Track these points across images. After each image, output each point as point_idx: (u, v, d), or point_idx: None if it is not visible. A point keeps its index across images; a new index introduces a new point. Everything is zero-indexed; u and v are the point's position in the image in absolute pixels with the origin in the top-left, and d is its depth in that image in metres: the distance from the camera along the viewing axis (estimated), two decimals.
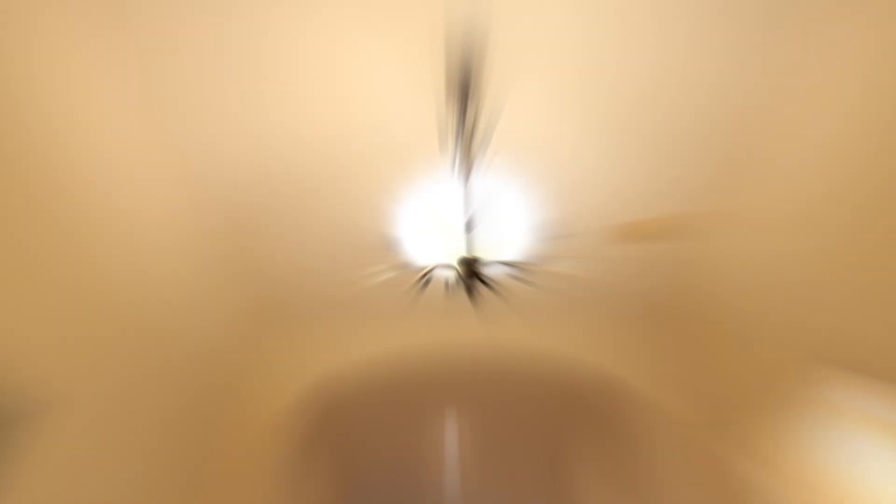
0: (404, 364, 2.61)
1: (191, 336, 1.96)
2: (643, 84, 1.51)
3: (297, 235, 2.03)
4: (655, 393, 2.41)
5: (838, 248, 1.48)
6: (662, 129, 1.64)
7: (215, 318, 2.16)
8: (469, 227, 1.18)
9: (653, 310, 2.50)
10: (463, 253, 1.19)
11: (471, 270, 1.18)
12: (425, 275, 1.26)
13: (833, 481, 1.80)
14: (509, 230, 1.28)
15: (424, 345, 2.53)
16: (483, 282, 1.18)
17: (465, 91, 1.39)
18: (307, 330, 2.61)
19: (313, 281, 2.31)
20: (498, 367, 2.70)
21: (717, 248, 2.01)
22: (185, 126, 1.58)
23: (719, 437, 2.16)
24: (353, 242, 2.06)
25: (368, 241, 2.02)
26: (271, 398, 2.42)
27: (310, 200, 1.86)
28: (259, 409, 2.39)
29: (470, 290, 1.17)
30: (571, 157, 1.71)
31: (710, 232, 2.00)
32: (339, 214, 1.93)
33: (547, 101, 1.54)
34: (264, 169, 1.72)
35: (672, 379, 2.46)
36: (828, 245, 1.51)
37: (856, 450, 1.71)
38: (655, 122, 1.62)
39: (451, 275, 1.25)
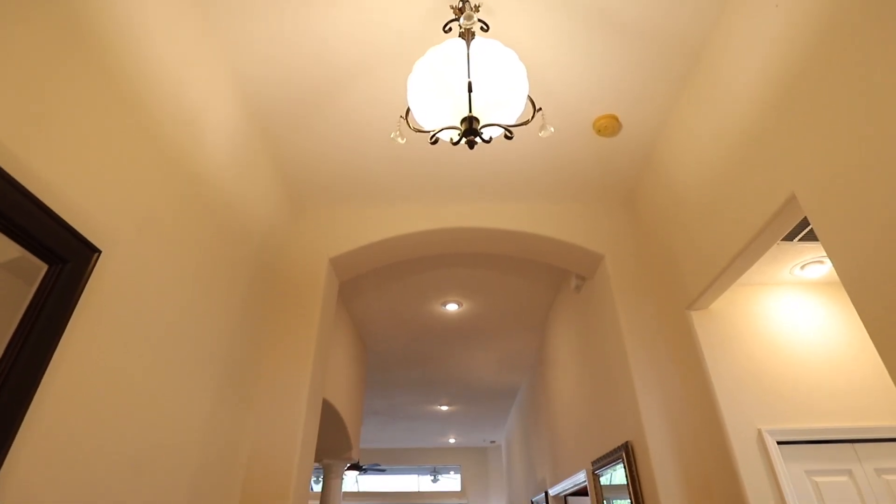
0: (416, 241, 3.04)
1: (238, 209, 2.27)
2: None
3: (326, 126, 2.43)
4: (614, 256, 2.88)
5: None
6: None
7: (259, 196, 2.51)
8: (470, 89, 1.38)
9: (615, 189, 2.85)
10: (465, 114, 1.41)
11: (472, 129, 1.40)
12: (434, 135, 1.48)
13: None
14: (505, 96, 1.46)
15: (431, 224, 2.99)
16: (483, 139, 1.43)
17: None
18: (333, 209, 3.06)
19: (341, 167, 2.71)
20: (496, 241, 3.09)
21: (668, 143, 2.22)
22: (235, 30, 1.93)
23: (671, 293, 2.48)
24: (375, 128, 2.44)
25: (388, 124, 2.41)
26: (306, 262, 2.90)
27: (337, 94, 2.24)
28: (296, 268, 2.87)
29: (471, 146, 1.43)
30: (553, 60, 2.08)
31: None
32: (362, 105, 2.31)
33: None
34: (299, 68, 2.11)
35: (630, 246, 2.91)
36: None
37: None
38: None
39: (454, 134, 1.45)
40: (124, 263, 1.46)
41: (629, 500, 2.55)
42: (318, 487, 9.59)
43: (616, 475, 2.92)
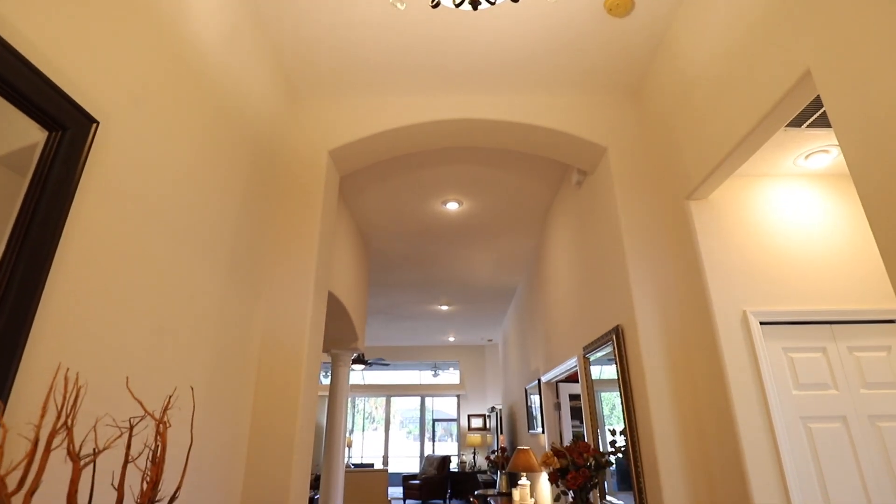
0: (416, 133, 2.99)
1: (234, 92, 2.20)
2: None
3: (328, 17, 2.34)
4: (617, 148, 2.84)
5: None
6: None
7: (255, 82, 2.44)
8: None
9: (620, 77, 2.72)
10: None
11: None
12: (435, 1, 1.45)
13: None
14: None
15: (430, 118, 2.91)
16: (488, 0, 1.40)
17: None
18: (332, 100, 2.98)
19: (336, 54, 2.61)
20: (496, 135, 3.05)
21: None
22: None
23: (672, 183, 2.47)
24: (371, 6, 2.28)
25: (383, 3, 2.28)
26: (306, 155, 2.88)
27: None
28: (296, 160, 2.86)
29: (475, 7, 1.38)
30: None
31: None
32: None
33: None
34: None
35: (633, 138, 2.86)
36: None
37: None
38: None
39: None
40: (124, 137, 1.45)
41: (617, 386, 2.77)
42: (326, 381, 10.32)
43: (606, 370, 3.13)
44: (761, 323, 2.26)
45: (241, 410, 2.27)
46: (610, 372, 3.05)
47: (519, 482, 5.44)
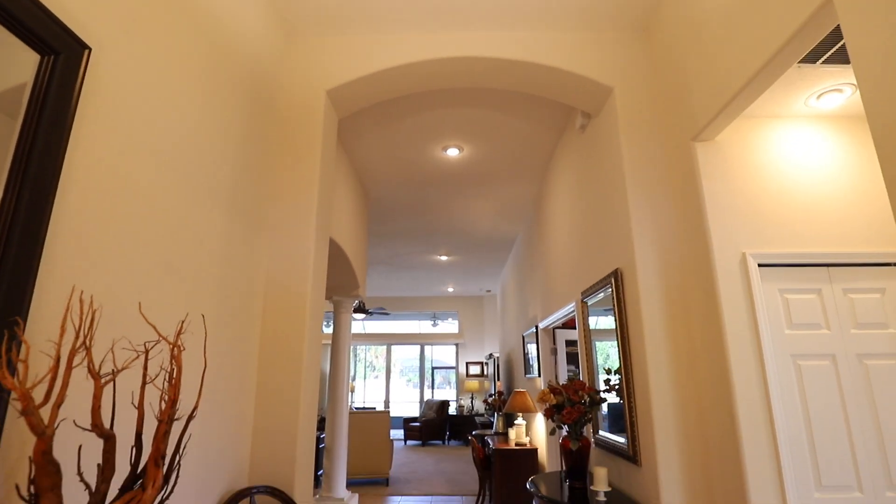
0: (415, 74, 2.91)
1: (227, 26, 2.09)
2: None
3: None
4: (623, 89, 2.78)
5: None
6: None
7: (248, 17, 2.30)
8: None
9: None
10: None
11: None
12: None
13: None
14: None
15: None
16: None
17: None
18: (328, 39, 2.88)
19: None
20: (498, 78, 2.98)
21: None
22: None
23: (678, 125, 2.39)
24: None
25: None
26: (304, 95, 2.81)
27: None
28: (294, 101, 2.79)
29: None
30: None
31: None
32: None
33: None
34: None
35: (641, 78, 2.79)
36: None
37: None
38: None
39: None
40: (118, 67, 1.41)
41: (613, 336, 2.83)
42: (328, 331, 10.54)
43: (601, 321, 3.19)
44: (759, 265, 2.29)
45: (249, 340, 2.33)
46: (605, 322, 3.13)
47: (515, 422, 5.68)
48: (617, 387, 2.73)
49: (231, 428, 2.18)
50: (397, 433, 11.70)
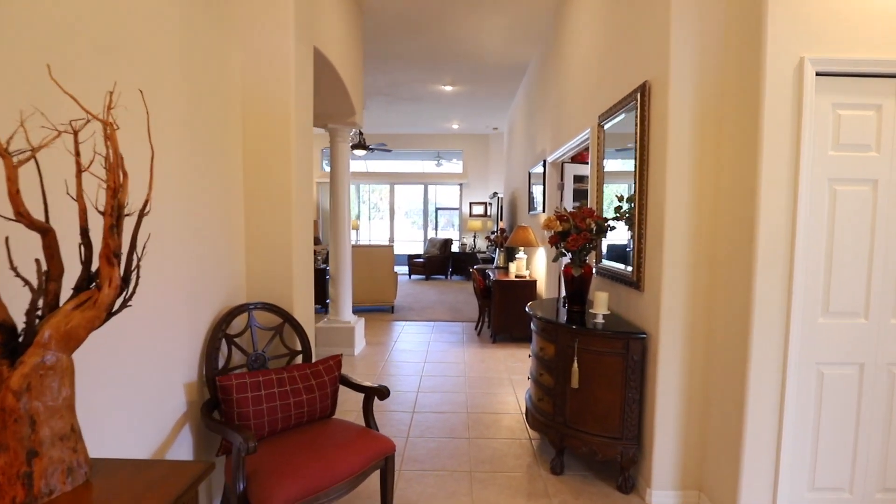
0: None
1: None
2: None
3: None
4: None
5: None
6: None
7: None
8: None
9: None
10: None
11: None
12: None
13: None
14: None
15: None
16: None
17: None
18: None
19: None
20: None
21: None
22: None
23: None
24: None
25: None
26: None
27: None
28: None
29: None
30: None
31: None
32: None
33: None
34: None
35: None
36: None
37: None
38: None
39: None
40: None
41: (626, 178, 2.57)
42: (328, 169, 10.31)
43: (610, 163, 2.89)
44: (817, 74, 1.93)
45: (228, 142, 2.14)
46: (614, 165, 2.86)
47: (516, 255, 5.78)
48: (627, 215, 2.59)
49: (223, 242, 2.09)
50: (402, 269, 12.30)
